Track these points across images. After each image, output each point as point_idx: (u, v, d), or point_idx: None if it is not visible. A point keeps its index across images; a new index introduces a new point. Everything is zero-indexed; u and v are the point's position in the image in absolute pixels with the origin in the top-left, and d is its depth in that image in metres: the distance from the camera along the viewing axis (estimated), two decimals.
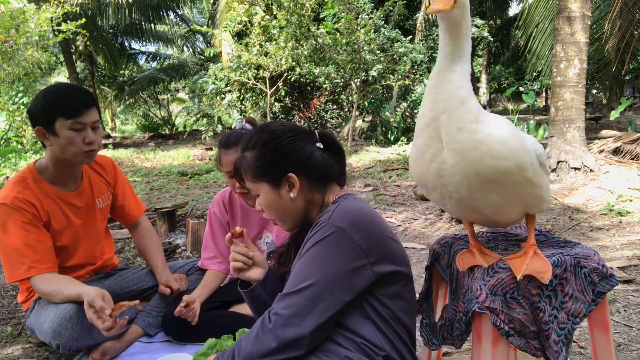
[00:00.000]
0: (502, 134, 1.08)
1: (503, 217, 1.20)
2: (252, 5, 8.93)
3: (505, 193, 1.11)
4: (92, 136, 1.83)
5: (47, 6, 7.41)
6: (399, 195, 5.05)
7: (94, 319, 1.60)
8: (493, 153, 1.06)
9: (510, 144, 1.07)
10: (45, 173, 1.92)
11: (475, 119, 1.07)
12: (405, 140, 9.26)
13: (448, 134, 1.08)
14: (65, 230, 1.95)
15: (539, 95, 18.88)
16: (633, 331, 2.07)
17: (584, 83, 5.05)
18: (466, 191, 1.11)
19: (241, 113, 10.39)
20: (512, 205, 1.15)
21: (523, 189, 1.11)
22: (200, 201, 5.18)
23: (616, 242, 3.27)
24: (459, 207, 1.18)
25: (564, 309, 1.14)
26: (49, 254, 1.84)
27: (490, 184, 1.09)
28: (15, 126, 7.98)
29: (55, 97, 1.78)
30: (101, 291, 1.65)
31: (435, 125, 1.10)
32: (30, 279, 1.80)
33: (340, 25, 8.23)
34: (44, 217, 1.87)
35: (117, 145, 12.81)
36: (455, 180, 1.10)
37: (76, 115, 1.78)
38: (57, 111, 1.76)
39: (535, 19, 8.71)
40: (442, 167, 1.11)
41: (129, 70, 20.00)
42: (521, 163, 1.07)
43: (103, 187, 2.13)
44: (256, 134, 1.25)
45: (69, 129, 1.78)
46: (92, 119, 1.83)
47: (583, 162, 4.93)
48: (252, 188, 1.25)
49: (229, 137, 1.93)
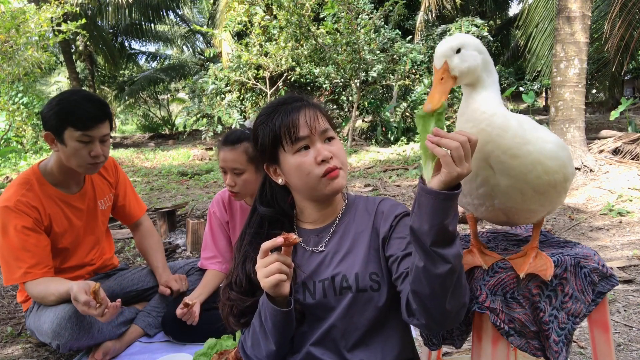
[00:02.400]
0: (553, 148, 1.07)
1: (528, 220, 1.21)
2: (252, 5, 8.93)
3: (545, 201, 1.12)
4: (99, 150, 1.83)
5: (47, 6, 7.41)
6: (399, 195, 5.05)
7: (86, 309, 1.62)
8: (548, 170, 1.06)
9: (560, 157, 1.08)
10: (49, 175, 1.93)
11: (524, 141, 1.05)
12: (405, 140, 9.26)
13: (501, 162, 1.05)
14: (66, 232, 1.96)
15: (539, 95, 18.87)
16: (633, 331, 2.07)
17: (584, 83, 5.05)
18: (514, 204, 1.11)
19: (241, 113, 10.38)
20: (544, 211, 1.17)
21: (559, 197, 1.14)
22: (200, 201, 5.18)
23: (616, 242, 3.27)
24: (492, 212, 1.17)
25: (564, 309, 1.14)
26: (46, 258, 1.85)
27: (539, 195, 1.10)
28: (15, 126, 7.98)
29: (69, 106, 1.78)
30: (84, 283, 1.67)
31: (480, 155, 1.05)
32: (25, 284, 1.81)
33: (340, 25, 8.23)
34: (45, 220, 1.87)
35: (117, 145, 12.81)
36: (509, 196, 1.10)
37: (86, 129, 1.77)
38: (68, 121, 1.76)
39: (535, 19, 8.71)
40: (494, 189, 1.09)
41: (129, 70, 19.99)
42: (567, 175, 1.10)
43: (105, 189, 2.13)
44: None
45: (77, 141, 1.78)
46: (102, 133, 1.82)
47: (583, 162, 4.93)
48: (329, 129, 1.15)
49: (230, 135, 1.94)
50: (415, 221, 0.94)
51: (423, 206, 0.92)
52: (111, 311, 1.65)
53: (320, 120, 1.13)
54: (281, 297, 1.05)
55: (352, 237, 1.18)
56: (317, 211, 1.20)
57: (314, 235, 1.21)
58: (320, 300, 1.13)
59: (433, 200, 0.90)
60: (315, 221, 1.22)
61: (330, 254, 1.17)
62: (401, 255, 1.09)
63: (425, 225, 0.91)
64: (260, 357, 1.13)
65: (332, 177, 1.11)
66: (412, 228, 0.95)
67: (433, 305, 0.97)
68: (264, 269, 1.01)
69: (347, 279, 1.12)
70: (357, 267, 1.13)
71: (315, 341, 1.14)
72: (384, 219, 1.17)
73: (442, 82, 0.99)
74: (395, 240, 1.12)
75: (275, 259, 1.01)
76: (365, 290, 1.12)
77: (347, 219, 1.21)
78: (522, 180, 1.07)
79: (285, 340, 1.11)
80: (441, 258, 0.92)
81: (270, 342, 1.09)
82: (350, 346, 1.13)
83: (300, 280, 1.15)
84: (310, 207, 1.20)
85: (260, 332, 1.11)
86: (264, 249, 1.02)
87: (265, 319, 1.08)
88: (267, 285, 1.01)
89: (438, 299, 0.95)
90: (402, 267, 1.07)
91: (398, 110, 9.43)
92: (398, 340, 1.15)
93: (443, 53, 1.00)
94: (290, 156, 1.12)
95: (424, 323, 1.00)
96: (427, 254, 0.92)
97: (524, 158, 1.05)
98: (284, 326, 1.07)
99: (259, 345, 1.12)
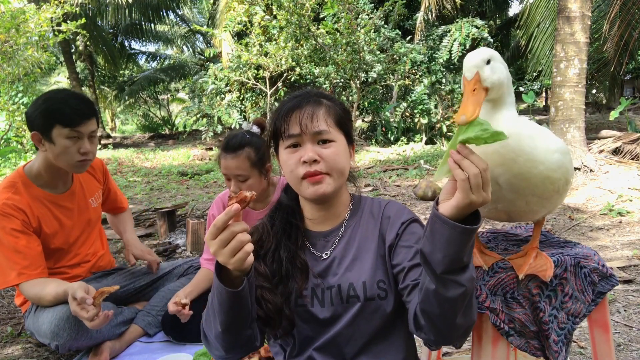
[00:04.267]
0: (559, 159, 1.08)
1: (530, 219, 1.22)
2: (252, 5, 8.93)
3: (547, 203, 1.13)
4: (88, 146, 1.83)
5: (47, 6, 7.40)
6: (399, 195, 5.04)
7: (78, 310, 1.61)
8: (554, 181, 1.08)
9: (564, 165, 1.09)
10: (35, 177, 1.91)
11: (536, 163, 1.04)
12: (405, 140, 9.26)
13: (510, 184, 1.05)
14: (57, 233, 1.95)
15: (539, 95, 18.87)
16: (633, 331, 2.07)
17: (584, 83, 5.05)
18: (518, 208, 1.12)
19: (241, 113, 10.37)
20: (545, 211, 1.17)
21: (561, 198, 1.15)
22: (200, 201, 5.18)
23: (616, 242, 3.27)
24: (495, 212, 1.17)
25: (564, 309, 1.14)
26: (38, 259, 1.84)
27: (543, 200, 1.11)
28: (15, 126, 7.97)
29: (55, 104, 1.77)
30: (84, 285, 1.67)
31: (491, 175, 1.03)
32: (20, 285, 1.80)
33: (340, 25, 8.22)
34: (34, 222, 1.86)
35: (117, 145, 12.81)
36: (513, 203, 1.11)
37: (74, 125, 1.77)
38: (55, 119, 1.75)
39: (536, 19, 8.70)
40: (499, 199, 1.10)
41: (129, 70, 19.98)
42: (569, 178, 1.13)
43: (94, 186, 2.14)
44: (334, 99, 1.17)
45: (66, 138, 1.78)
46: (90, 129, 1.82)
47: (583, 162, 4.93)
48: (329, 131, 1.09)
49: (231, 141, 1.90)
50: (426, 246, 0.88)
51: (437, 234, 0.86)
52: (101, 319, 1.63)
53: (318, 121, 1.08)
54: (240, 273, 0.93)
55: (358, 242, 1.15)
56: (316, 211, 1.17)
57: (320, 238, 1.18)
58: (328, 308, 1.11)
59: (449, 231, 0.84)
60: (317, 222, 1.19)
61: (337, 260, 1.14)
62: (408, 266, 1.05)
63: (438, 254, 0.86)
64: (210, 336, 1.04)
65: (312, 182, 1.07)
66: (423, 253, 0.89)
67: (442, 324, 0.93)
68: (225, 249, 0.88)
69: (354, 288, 1.10)
70: (365, 276, 1.10)
71: (319, 346, 1.12)
72: (390, 225, 1.14)
73: (475, 93, 0.95)
74: (402, 249, 1.09)
75: (232, 233, 0.88)
76: (373, 299, 1.09)
77: (352, 223, 1.18)
78: (529, 193, 1.08)
79: (234, 324, 0.99)
80: (454, 282, 0.87)
81: (216, 321, 0.99)
82: (354, 353, 1.11)
83: (309, 286, 1.12)
84: (308, 205, 1.18)
85: (210, 308, 1.02)
86: (218, 225, 0.88)
87: (213, 294, 0.98)
88: (236, 264, 0.89)
89: (448, 318, 0.92)
90: (409, 278, 1.04)
91: (398, 110, 9.43)
92: (402, 346, 1.14)
93: (475, 64, 0.98)
94: (283, 150, 1.11)
95: (432, 339, 0.97)
96: (439, 279, 0.88)
97: (533, 179, 1.05)
98: (230, 307, 0.95)
99: (210, 323, 1.03)
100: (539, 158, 1.04)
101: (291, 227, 1.18)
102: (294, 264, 1.13)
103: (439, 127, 9.39)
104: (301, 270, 1.12)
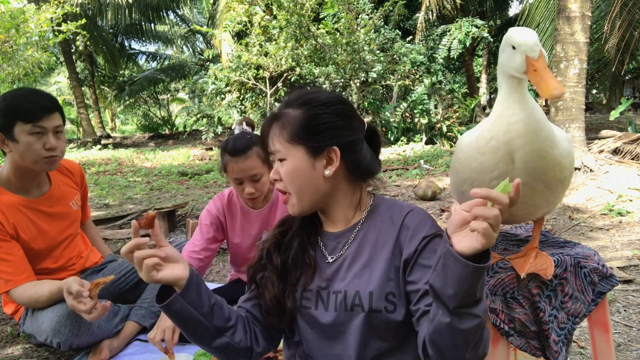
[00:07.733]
0: (568, 147, 1.12)
1: (530, 217, 1.22)
2: (252, 5, 8.93)
3: (550, 196, 1.14)
4: (54, 142, 1.77)
5: (47, 6, 7.41)
6: (399, 195, 5.04)
7: (75, 304, 1.60)
8: (562, 168, 1.10)
9: (571, 154, 1.13)
10: (6, 182, 1.85)
11: (554, 144, 1.07)
12: (405, 140, 9.25)
13: (526, 161, 1.06)
14: (36, 238, 1.89)
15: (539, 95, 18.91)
16: (633, 331, 2.07)
17: (584, 83, 5.05)
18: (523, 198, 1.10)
19: (241, 113, 10.38)
20: (547, 206, 1.18)
21: (563, 192, 1.17)
22: (200, 201, 5.18)
23: (616, 242, 3.27)
24: None
25: (564, 309, 1.14)
26: (22, 264, 1.81)
27: (548, 190, 1.12)
28: None
29: (14, 100, 1.72)
30: (78, 279, 1.65)
31: (507, 148, 1.06)
32: (10, 292, 1.78)
33: (340, 25, 8.23)
34: (9, 229, 1.80)
35: (117, 145, 12.81)
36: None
37: (36, 120, 1.71)
38: (16, 115, 1.70)
39: (536, 19, 8.69)
40: None
41: (129, 70, 20.00)
42: (572, 170, 1.15)
43: (72, 190, 2.08)
44: (312, 93, 1.08)
45: (29, 134, 1.72)
46: (54, 124, 1.76)
47: (583, 162, 4.93)
48: (280, 150, 1.04)
49: (235, 144, 1.83)
50: (437, 281, 0.85)
51: (449, 270, 0.82)
52: (99, 311, 1.62)
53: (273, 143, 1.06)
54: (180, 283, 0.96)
55: (371, 247, 1.07)
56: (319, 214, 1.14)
57: (332, 239, 1.12)
58: (331, 313, 1.05)
59: (462, 269, 0.81)
60: (328, 223, 1.14)
61: (347, 264, 1.08)
62: (423, 289, 0.98)
63: (450, 290, 0.83)
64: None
65: (284, 201, 1.08)
66: (433, 287, 0.86)
67: (452, 356, 0.89)
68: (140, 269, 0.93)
69: (360, 297, 1.03)
70: (373, 285, 1.03)
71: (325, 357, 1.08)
72: (409, 236, 1.04)
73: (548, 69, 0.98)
74: (420, 267, 1.01)
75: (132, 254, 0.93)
76: (379, 312, 1.02)
77: (367, 227, 1.10)
78: (540, 178, 1.09)
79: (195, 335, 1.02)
80: (469, 315, 0.84)
81: None
82: None
83: (315, 288, 1.08)
84: None
85: None
86: (124, 252, 0.93)
87: None
88: (144, 276, 0.94)
89: (459, 350, 0.88)
90: (422, 303, 0.98)
91: (398, 110, 9.43)
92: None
93: (537, 42, 1.00)
94: None
95: None
96: (453, 313, 0.84)
97: (549, 160, 1.07)
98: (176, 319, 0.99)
99: None
100: (556, 140, 1.08)
101: (310, 222, 1.16)
102: (302, 258, 1.11)
103: (439, 127, 9.39)
104: (309, 266, 1.10)
